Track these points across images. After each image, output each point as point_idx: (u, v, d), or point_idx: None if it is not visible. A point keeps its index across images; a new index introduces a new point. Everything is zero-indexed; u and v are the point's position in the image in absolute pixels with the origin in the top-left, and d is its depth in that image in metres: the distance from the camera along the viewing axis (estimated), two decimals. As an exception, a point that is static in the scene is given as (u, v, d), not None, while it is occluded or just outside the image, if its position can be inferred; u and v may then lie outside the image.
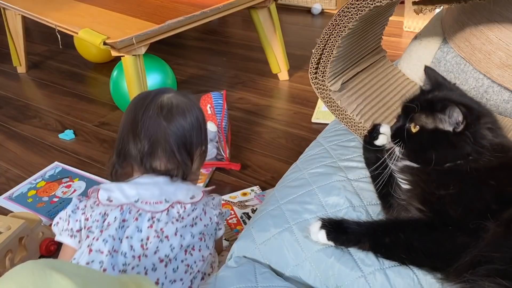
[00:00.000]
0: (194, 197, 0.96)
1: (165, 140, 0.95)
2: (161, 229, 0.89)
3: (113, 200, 0.92)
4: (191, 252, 0.92)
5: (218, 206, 1.03)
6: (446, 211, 0.73)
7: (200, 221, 0.95)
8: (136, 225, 0.89)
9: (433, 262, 0.73)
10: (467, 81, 1.07)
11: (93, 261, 0.85)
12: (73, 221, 0.92)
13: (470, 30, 1.04)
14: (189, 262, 0.91)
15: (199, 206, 0.96)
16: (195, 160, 1.01)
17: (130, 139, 0.96)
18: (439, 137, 0.78)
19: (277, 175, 1.53)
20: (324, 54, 0.99)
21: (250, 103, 2.14)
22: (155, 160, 0.96)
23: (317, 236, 0.79)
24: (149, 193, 0.93)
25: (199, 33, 3.03)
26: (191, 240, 0.92)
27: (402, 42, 2.66)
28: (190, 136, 0.98)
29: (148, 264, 0.86)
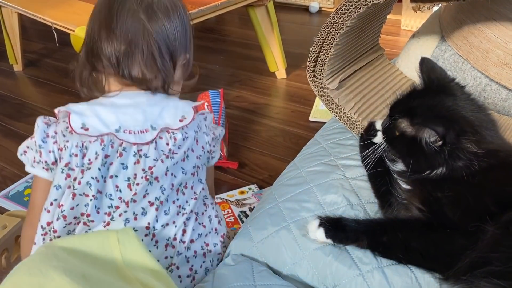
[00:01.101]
0: (184, 118, 0.84)
1: (144, 39, 0.81)
2: (150, 168, 0.79)
3: (90, 129, 0.79)
4: (183, 191, 0.84)
5: (211, 128, 0.91)
6: (444, 213, 0.73)
7: (192, 153, 0.85)
8: (121, 161, 0.79)
9: (430, 263, 0.73)
10: (465, 79, 1.07)
11: (77, 204, 0.78)
12: (46, 152, 0.79)
13: (468, 28, 1.04)
14: (180, 202, 0.84)
15: (191, 132, 0.84)
16: (177, 69, 0.87)
17: (103, 35, 0.81)
18: (416, 146, 0.77)
19: (275, 173, 1.53)
20: (322, 52, 0.99)
21: (247, 101, 2.14)
22: (133, 65, 0.81)
23: (316, 234, 0.79)
24: (131, 119, 0.80)
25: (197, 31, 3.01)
26: (182, 177, 0.83)
27: (400, 41, 2.65)
28: (174, 38, 0.84)
29: (137, 209, 0.79)
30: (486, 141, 0.77)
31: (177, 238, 0.82)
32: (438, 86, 0.83)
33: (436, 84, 0.84)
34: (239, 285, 0.79)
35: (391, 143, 0.83)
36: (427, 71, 0.86)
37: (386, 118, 0.85)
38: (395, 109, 0.84)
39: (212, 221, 0.89)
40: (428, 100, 0.81)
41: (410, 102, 0.82)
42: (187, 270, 0.83)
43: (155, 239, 0.80)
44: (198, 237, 0.85)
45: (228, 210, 1.43)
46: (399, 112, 0.81)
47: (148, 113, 0.82)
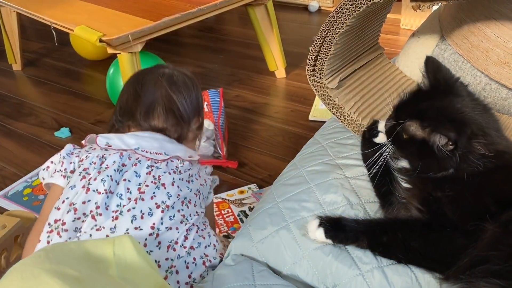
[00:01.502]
0: (192, 156, 0.99)
1: (165, 98, 1.00)
2: (159, 176, 0.90)
3: (112, 146, 0.93)
4: (187, 204, 0.92)
5: (209, 175, 1.07)
6: (443, 212, 0.73)
7: (196, 180, 0.97)
8: (135, 170, 0.89)
9: (430, 263, 0.73)
10: (465, 78, 1.07)
11: (89, 200, 0.85)
12: (67, 163, 0.92)
13: (468, 28, 1.04)
14: (185, 213, 0.90)
15: (195, 166, 1.00)
16: (191, 129, 1.05)
17: (131, 97, 1.01)
18: (426, 150, 0.76)
19: (274, 173, 1.53)
20: (321, 52, 0.99)
21: (247, 100, 2.13)
22: (154, 118, 0.99)
23: (315, 234, 0.79)
24: (149, 144, 0.95)
25: (196, 31, 3.02)
26: (188, 192, 0.93)
27: (400, 40, 2.65)
28: (189, 103, 1.03)
29: (144, 208, 0.86)
30: (495, 143, 0.76)
31: (179, 242, 0.86)
32: (445, 87, 0.82)
33: (442, 85, 0.82)
34: (239, 285, 0.79)
35: (399, 146, 0.82)
36: (432, 71, 0.84)
37: (390, 119, 0.84)
38: (402, 111, 0.83)
39: (211, 237, 0.94)
40: (437, 102, 0.79)
41: (418, 104, 0.81)
42: (186, 277, 0.85)
43: (158, 240, 0.84)
44: (198, 246, 0.90)
45: (227, 209, 1.43)
46: (407, 114, 0.80)
47: (163, 145, 0.97)
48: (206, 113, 1.75)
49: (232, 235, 1.32)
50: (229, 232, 1.34)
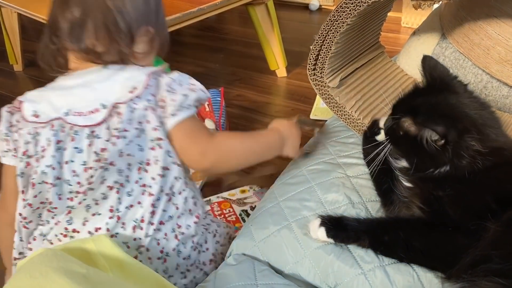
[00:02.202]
0: (134, 88, 0.77)
1: (98, 8, 0.77)
2: (102, 149, 0.75)
3: (41, 115, 0.77)
4: (145, 169, 0.78)
5: (170, 84, 0.79)
6: (445, 211, 0.73)
7: (147, 125, 0.77)
8: (74, 145, 0.75)
9: (432, 262, 0.73)
10: (466, 76, 1.07)
11: (40, 192, 0.77)
12: (12, 141, 0.79)
13: (469, 26, 1.04)
14: (145, 181, 0.78)
15: (142, 102, 0.76)
16: (137, 42, 0.81)
17: (58, 9, 0.80)
18: (419, 146, 0.76)
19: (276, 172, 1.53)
20: (322, 50, 0.99)
21: (248, 100, 2.13)
22: (85, 36, 0.77)
23: (317, 234, 0.79)
24: (81, 100, 0.77)
25: (196, 30, 3.02)
26: (141, 154, 0.77)
27: (400, 38, 2.65)
28: (132, 8, 0.79)
29: (97, 195, 0.77)
30: (490, 139, 0.76)
31: (145, 219, 0.78)
32: (441, 84, 0.83)
33: (439, 82, 0.83)
34: (241, 284, 0.79)
35: (395, 143, 0.83)
36: (429, 69, 0.85)
37: (389, 117, 0.85)
38: (398, 108, 0.83)
39: (187, 202, 0.83)
40: (431, 99, 0.80)
41: (413, 101, 0.82)
42: (158, 252, 0.80)
43: (121, 221, 0.78)
44: (169, 219, 0.81)
45: (229, 209, 1.43)
46: (402, 111, 0.80)
47: (99, 90, 0.77)
48: (207, 113, 1.75)
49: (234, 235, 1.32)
50: (231, 232, 1.34)
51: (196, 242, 0.85)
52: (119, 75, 0.79)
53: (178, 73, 0.82)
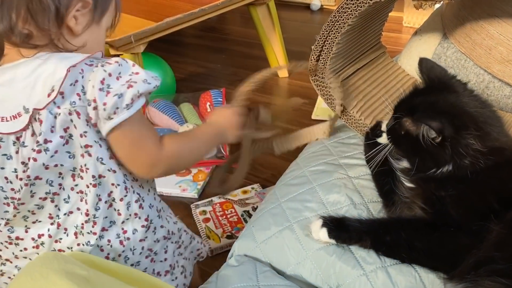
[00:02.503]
0: (53, 89, 0.64)
1: None
2: (30, 159, 0.66)
3: None
4: (80, 175, 0.70)
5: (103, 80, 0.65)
6: (447, 212, 0.72)
7: (75, 130, 0.67)
8: (2, 152, 0.67)
9: (434, 262, 0.73)
10: (468, 76, 1.07)
11: None
12: None
13: (470, 25, 1.03)
14: (81, 187, 0.71)
15: (64, 104, 0.64)
16: (69, 20, 0.67)
17: None
18: (420, 145, 0.76)
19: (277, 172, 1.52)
20: (323, 51, 0.99)
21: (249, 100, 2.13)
22: (6, 13, 0.64)
23: (319, 235, 0.79)
24: (4, 103, 0.66)
25: (198, 31, 3.02)
26: (72, 162, 0.68)
27: (402, 38, 2.64)
28: None
29: (30, 207, 0.70)
30: (491, 138, 0.76)
31: (85, 227, 0.72)
32: (440, 84, 0.83)
33: (437, 82, 0.83)
34: (242, 285, 0.79)
35: (396, 143, 0.83)
36: (426, 71, 0.86)
37: (391, 118, 0.85)
38: (398, 108, 0.83)
39: (130, 207, 0.75)
40: (430, 98, 0.80)
41: (413, 101, 0.82)
42: (104, 258, 0.75)
43: (63, 227, 0.72)
44: (112, 225, 0.74)
45: (231, 209, 1.43)
46: (402, 111, 0.80)
47: (20, 90, 0.65)
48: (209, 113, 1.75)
49: (235, 235, 1.32)
50: (233, 232, 1.34)
51: (148, 248, 0.79)
52: (42, 69, 0.65)
53: (118, 61, 0.67)
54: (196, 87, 2.17)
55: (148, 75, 0.68)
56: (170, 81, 2.01)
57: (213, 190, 0.99)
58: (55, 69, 0.65)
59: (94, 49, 0.71)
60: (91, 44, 0.72)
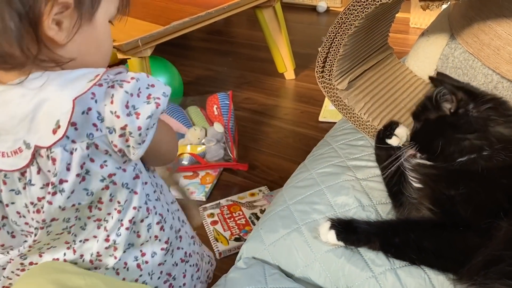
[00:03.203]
0: (59, 126, 0.55)
1: None
2: (39, 199, 0.60)
3: None
4: (98, 207, 0.64)
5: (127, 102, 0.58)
6: (456, 211, 0.72)
7: (92, 164, 0.59)
8: (9, 188, 0.61)
9: (443, 263, 0.72)
10: (476, 77, 1.06)
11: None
12: None
13: (478, 26, 1.03)
14: (99, 216, 0.65)
15: (81, 138, 0.57)
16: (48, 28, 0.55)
17: None
18: (440, 123, 0.80)
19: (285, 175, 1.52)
20: (330, 53, 0.98)
21: (256, 103, 2.13)
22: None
23: (327, 237, 0.79)
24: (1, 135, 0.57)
25: (205, 34, 3.03)
26: (90, 198, 0.62)
27: (409, 39, 2.64)
28: None
29: (46, 240, 0.65)
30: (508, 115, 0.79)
31: (103, 253, 0.68)
32: None
33: None
34: (251, 288, 0.79)
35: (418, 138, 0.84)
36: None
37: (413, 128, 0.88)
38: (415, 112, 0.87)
39: (151, 229, 0.71)
40: None
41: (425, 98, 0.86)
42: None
43: (79, 253, 0.68)
44: (130, 247, 0.69)
45: (239, 212, 1.43)
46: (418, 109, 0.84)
47: (18, 122, 0.56)
48: (216, 116, 1.76)
49: (243, 238, 1.32)
50: (241, 235, 1.34)
51: (167, 272, 0.74)
52: (41, 98, 0.55)
53: (134, 77, 0.59)
54: (203, 90, 2.18)
55: (162, 86, 0.62)
56: (177, 84, 2.01)
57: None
58: (57, 100, 0.55)
59: (92, 53, 0.62)
60: (87, 48, 0.61)
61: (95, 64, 0.62)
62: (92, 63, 0.62)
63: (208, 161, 1.66)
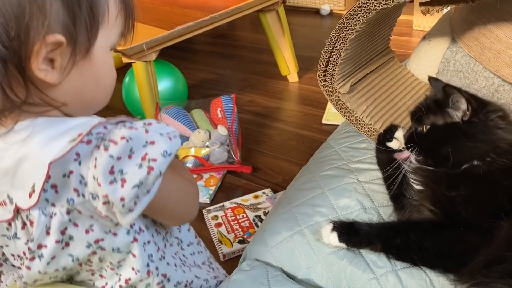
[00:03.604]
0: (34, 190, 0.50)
1: None
2: (24, 254, 0.55)
3: None
4: (88, 264, 0.59)
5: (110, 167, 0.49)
6: (457, 212, 0.73)
7: (75, 229, 0.54)
8: (1, 233, 0.58)
9: (444, 263, 0.73)
10: (477, 80, 1.07)
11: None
12: None
13: (479, 29, 1.04)
14: (93, 267, 0.60)
15: (59, 203, 0.51)
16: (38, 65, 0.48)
17: None
18: (451, 130, 0.79)
19: (288, 177, 1.54)
20: (332, 57, 1.00)
21: (260, 105, 2.15)
22: None
23: (329, 239, 0.80)
24: None
25: (208, 37, 3.05)
26: (75, 263, 0.57)
27: (412, 41, 2.64)
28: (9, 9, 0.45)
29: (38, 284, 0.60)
30: None
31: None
32: None
33: None
34: (254, 289, 0.80)
35: (421, 144, 0.83)
36: (438, 83, 0.90)
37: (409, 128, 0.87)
38: (415, 112, 0.86)
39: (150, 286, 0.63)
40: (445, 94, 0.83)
41: (429, 99, 0.85)
42: None
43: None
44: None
45: (242, 214, 1.44)
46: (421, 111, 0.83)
47: (1, 172, 0.51)
48: (219, 119, 1.77)
49: (247, 240, 1.33)
50: (245, 237, 1.35)
51: None
52: (22, 153, 0.50)
53: (125, 136, 0.50)
54: (207, 93, 2.20)
55: (165, 141, 0.52)
56: (181, 88, 2.03)
57: None
58: (36, 160, 0.49)
59: (91, 89, 0.55)
60: (84, 85, 0.54)
61: (94, 100, 0.57)
62: (91, 99, 0.57)
63: (212, 164, 1.68)
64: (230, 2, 1.93)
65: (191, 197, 0.66)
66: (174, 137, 0.53)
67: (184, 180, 0.64)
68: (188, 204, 0.66)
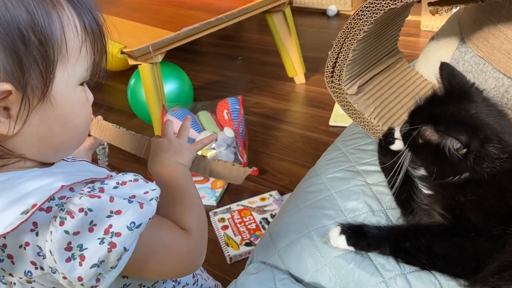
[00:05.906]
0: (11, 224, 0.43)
1: None
2: None
3: None
4: None
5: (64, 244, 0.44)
6: (467, 217, 0.72)
7: None
8: None
9: (454, 268, 0.72)
10: (487, 81, 1.05)
11: None
12: None
13: (488, 29, 1.02)
14: None
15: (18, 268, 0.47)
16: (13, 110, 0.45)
17: None
18: (440, 154, 0.76)
19: (295, 179, 1.53)
20: (339, 58, 0.99)
21: (266, 107, 2.14)
22: None
23: (337, 242, 0.79)
24: None
25: (215, 39, 3.05)
26: None
27: (420, 42, 2.63)
28: None
29: None
30: (509, 144, 0.76)
31: None
32: (460, 92, 0.82)
33: (457, 90, 0.83)
34: (261, 293, 0.79)
35: (414, 151, 0.82)
36: (447, 76, 0.85)
37: (405, 125, 0.84)
38: (417, 116, 0.83)
39: None
40: (451, 107, 0.80)
41: (433, 109, 0.81)
42: None
43: None
44: None
45: (249, 217, 1.44)
46: (422, 119, 0.80)
47: None
48: (226, 121, 1.77)
49: (254, 243, 1.33)
50: (251, 240, 1.35)
51: None
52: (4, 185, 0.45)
53: (84, 207, 0.45)
54: (213, 95, 2.19)
55: (135, 210, 0.46)
56: (187, 90, 2.03)
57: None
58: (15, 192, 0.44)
59: (58, 133, 0.49)
60: (48, 129, 0.48)
61: (65, 143, 0.51)
62: (59, 144, 0.50)
63: (219, 166, 1.67)
64: (236, 4, 1.92)
65: (183, 256, 0.58)
66: (147, 203, 0.47)
67: (174, 235, 0.57)
68: (180, 262, 0.58)
